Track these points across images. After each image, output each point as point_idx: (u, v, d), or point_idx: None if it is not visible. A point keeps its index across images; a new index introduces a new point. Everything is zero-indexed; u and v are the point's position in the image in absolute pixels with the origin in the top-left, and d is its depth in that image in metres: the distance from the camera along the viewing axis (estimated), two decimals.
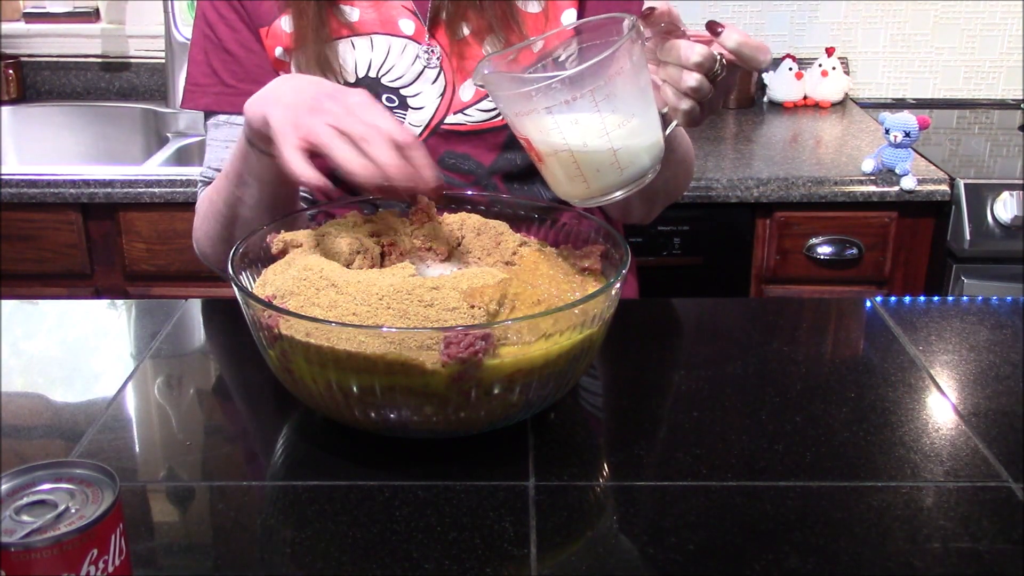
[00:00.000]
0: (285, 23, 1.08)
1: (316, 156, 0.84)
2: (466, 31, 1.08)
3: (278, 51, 1.08)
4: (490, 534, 0.70)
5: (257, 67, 1.09)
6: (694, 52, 0.81)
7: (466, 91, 1.09)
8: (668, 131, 0.86)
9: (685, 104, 0.83)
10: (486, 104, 1.09)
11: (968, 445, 0.81)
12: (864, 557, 0.68)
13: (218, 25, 1.09)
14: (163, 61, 2.30)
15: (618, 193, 0.84)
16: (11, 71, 2.33)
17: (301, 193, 1.13)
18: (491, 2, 1.06)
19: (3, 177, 1.82)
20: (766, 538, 0.70)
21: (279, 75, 1.09)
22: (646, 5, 0.81)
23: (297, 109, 0.85)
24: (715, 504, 0.73)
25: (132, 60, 2.39)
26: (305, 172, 0.83)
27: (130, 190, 1.82)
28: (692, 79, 0.81)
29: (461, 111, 1.09)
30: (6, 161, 2.25)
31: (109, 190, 1.82)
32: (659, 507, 0.73)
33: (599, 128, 0.79)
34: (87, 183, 1.82)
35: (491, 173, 1.11)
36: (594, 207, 0.91)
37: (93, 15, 2.39)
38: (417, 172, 0.82)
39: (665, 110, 0.85)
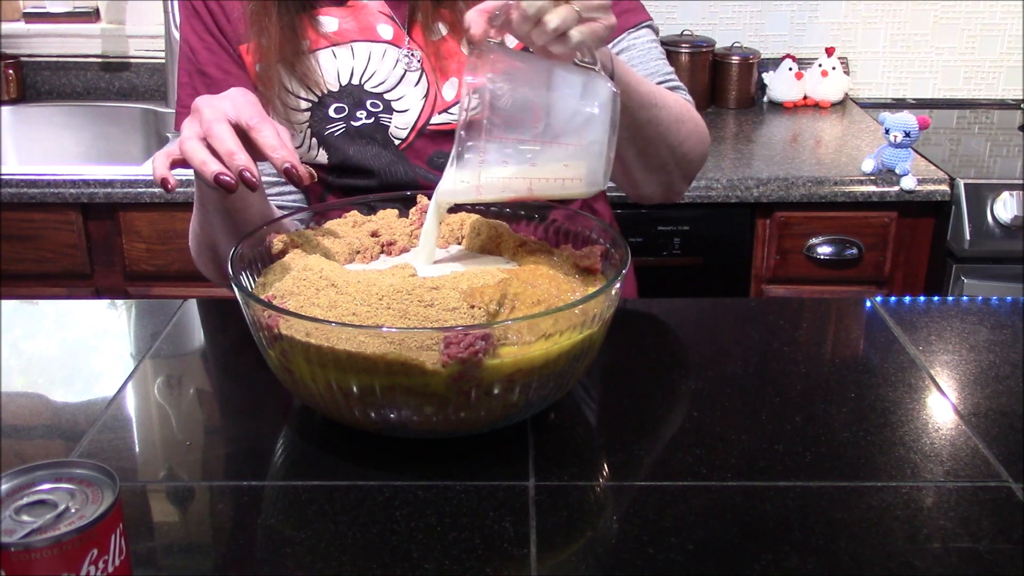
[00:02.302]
0: (265, 40, 1.08)
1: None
2: (443, 30, 1.08)
3: (259, 67, 1.09)
4: (490, 534, 0.70)
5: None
6: (526, 10, 0.77)
7: (448, 90, 1.09)
8: (599, 66, 0.84)
9: (572, 41, 0.79)
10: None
11: (968, 445, 0.81)
12: (864, 557, 0.68)
13: (199, 49, 1.10)
14: (163, 61, 2.30)
15: (604, 152, 0.83)
16: (11, 71, 2.33)
17: (283, 203, 1.14)
18: (465, 0, 1.07)
19: (3, 177, 1.82)
20: (766, 538, 0.70)
21: (259, 95, 1.10)
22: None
23: (188, 123, 0.86)
24: (715, 504, 0.73)
25: (132, 60, 2.39)
26: (156, 169, 0.85)
27: (130, 190, 1.82)
28: (549, 24, 0.77)
29: (445, 110, 1.09)
30: (6, 161, 2.25)
31: (109, 190, 1.82)
32: (659, 507, 0.73)
33: (525, 149, 0.79)
34: (87, 183, 1.82)
35: None
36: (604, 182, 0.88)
37: (93, 15, 2.39)
38: (266, 153, 0.83)
39: (578, 59, 0.83)
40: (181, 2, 1.13)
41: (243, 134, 0.83)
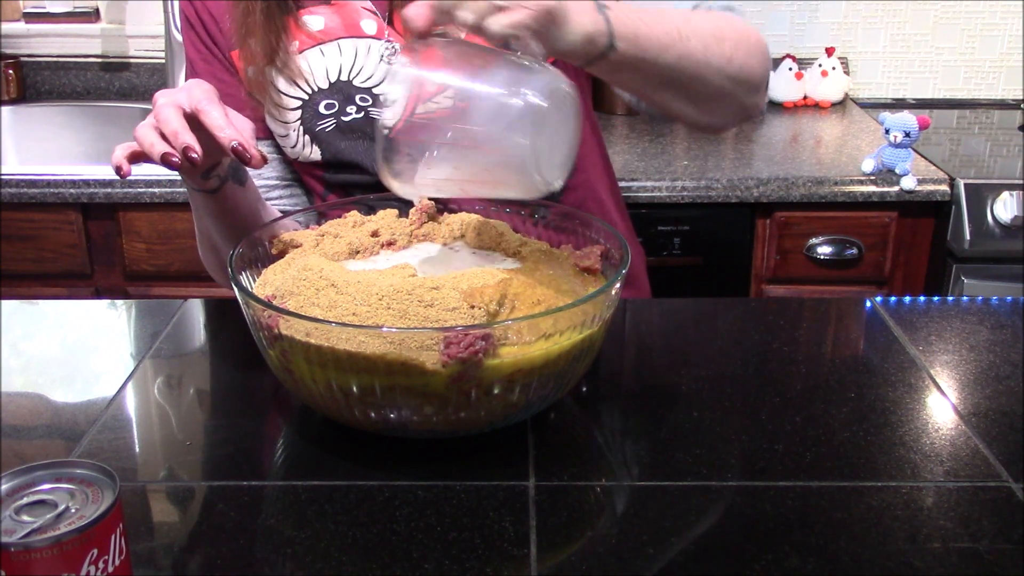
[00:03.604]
0: (253, 43, 1.09)
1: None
2: None
3: (250, 71, 1.10)
4: (490, 534, 0.70)
5: (228, 97, 1.10)
6: (440, 6, 0.74)
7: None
8: (539, 59, 0.77)
9: (490, 32, 0.74)
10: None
11: (968, 445, 0.81)
12: (864, 557, 0.68)
13: (195, 59, 1.13)
14: (163, 61, 2.30)
15: (532, 158, 0.75)
16: (11, 71, 2.33)
17: (285, 207, 1.15)
18: None
19: (3, 177, 1.82)
20: (766, 538, 0.70)
21: (252, 99, 1.11)
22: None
23: (148, 116, 0.88)
24: (715, 504, 0.73)
25: (132, 60, 2.39)
26: (113, 158, 0.88)
27: (130, 190, 1.82)
28: (463, 18, 0.74)
29: (431, 99, 1.10)
30: (6, 161, 2.25)
31: (109, 190, 1.82)
32: (659, 507, 0.73)
33: (447, 152, 0.75)
34: (87, 183, 1.82)
35: None
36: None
37: (93, 15, 2.39)
38: (213, 133, 0.84)
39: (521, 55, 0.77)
40: (181, 12, 1.14)
41: (199, 122, 0.85)
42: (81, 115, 2.31)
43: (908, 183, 1.79)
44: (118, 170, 0.87)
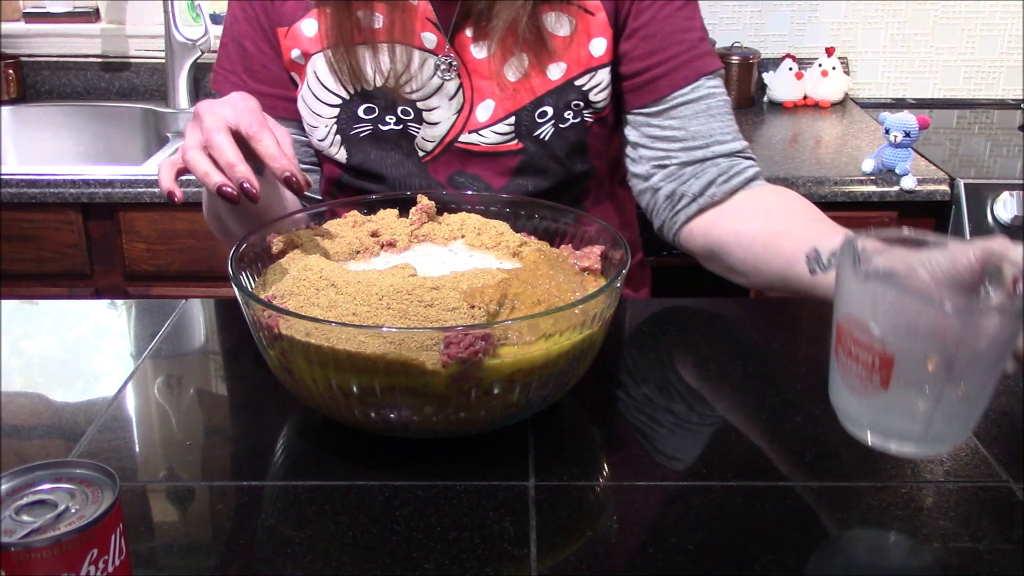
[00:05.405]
0: (306, 26, 1.07)
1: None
2: (487, 50, 1.06)
3: (294, 53, 1.08)
4: (490, 534, 0.70)
5: (262, 68, 1.09)
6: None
7: (483, 111, 1.08)
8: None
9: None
10: (502, 127, 1.08)
11: (968, 445, 0.81)
12: (864, 557, 0.68)
13: (240, 19, 1.10)
14: (163, 61, 2.30)
15: (906, 449, 0.69)
16: (11, 71, 2.33)
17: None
18: (519, 21, 1.04)
19: (3, 177, 1.82)
20: (766, 538, 0.70)
21: (289, 77, 1.10)
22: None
23: (190, 129, 0.86)
24: (715, 504, 0.73)
25: (132, 60, 2.39)
26: (162, 181, 0.85)
27: (130, 190, 1.82)
28: None
29: (476, 131, 1.08)
30: (6, 161, 2.25)
31: (109, 190, 1.82)
32: (659, 507, 0.73)
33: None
34: (87, 183, 1.82)
35: None
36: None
37: (93, 15, 2.39)
38: (265, 161, 0.82)
39: None
40: None
41: (244, 141, 0.83)
42: (81, 115, 2.32)
43: (908, 183, 1.79)
44: (171, 196, 0.84)
